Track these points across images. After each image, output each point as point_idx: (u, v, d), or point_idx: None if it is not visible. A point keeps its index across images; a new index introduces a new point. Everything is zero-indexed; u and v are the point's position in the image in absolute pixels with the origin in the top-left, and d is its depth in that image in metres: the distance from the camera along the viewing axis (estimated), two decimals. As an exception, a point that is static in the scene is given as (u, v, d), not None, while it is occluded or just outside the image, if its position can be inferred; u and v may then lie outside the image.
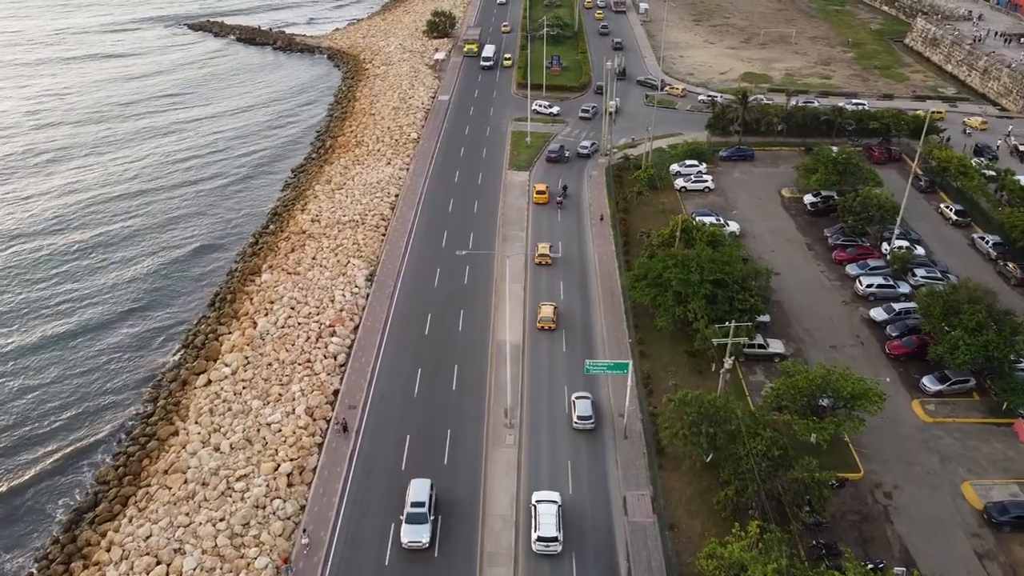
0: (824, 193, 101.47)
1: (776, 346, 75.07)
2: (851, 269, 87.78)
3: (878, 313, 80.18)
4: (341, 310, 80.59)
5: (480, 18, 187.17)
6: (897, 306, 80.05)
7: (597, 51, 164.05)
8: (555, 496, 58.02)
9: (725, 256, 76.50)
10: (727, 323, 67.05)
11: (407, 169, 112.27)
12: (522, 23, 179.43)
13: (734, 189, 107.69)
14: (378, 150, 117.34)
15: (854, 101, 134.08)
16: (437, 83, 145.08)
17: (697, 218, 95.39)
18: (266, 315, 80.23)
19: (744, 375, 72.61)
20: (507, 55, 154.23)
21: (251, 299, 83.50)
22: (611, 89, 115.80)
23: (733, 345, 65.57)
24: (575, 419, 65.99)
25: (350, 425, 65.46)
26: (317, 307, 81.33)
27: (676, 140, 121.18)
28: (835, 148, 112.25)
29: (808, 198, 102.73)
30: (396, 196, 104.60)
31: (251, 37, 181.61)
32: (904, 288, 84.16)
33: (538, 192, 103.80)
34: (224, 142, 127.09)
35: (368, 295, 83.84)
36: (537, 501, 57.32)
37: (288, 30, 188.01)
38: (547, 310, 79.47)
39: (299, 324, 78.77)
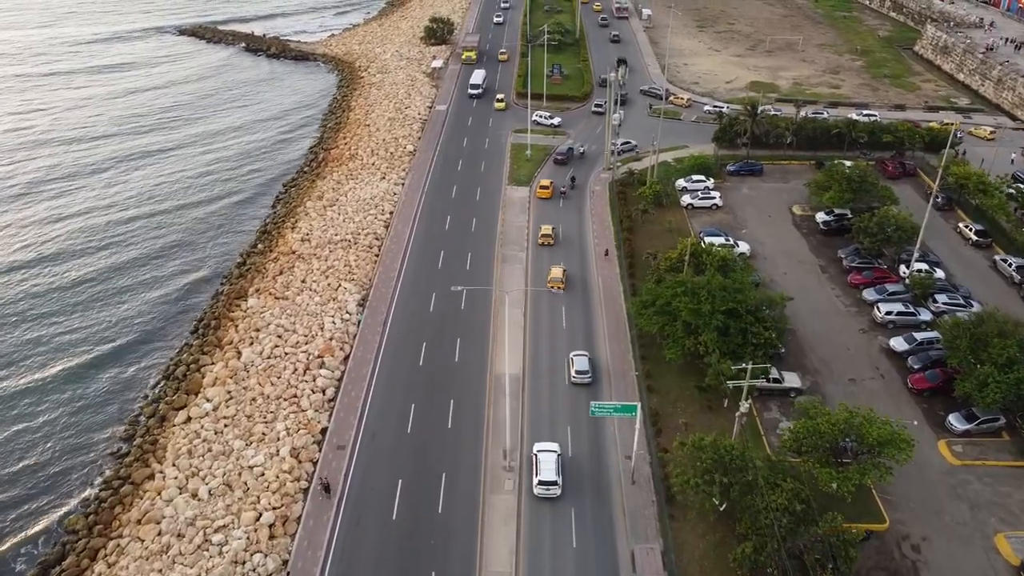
0: (837, 211, 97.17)
1: (792, 380, 70.73)
2: (868, 294, 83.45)
3: (898, 343, 75.83)
4: (331, 339, 76.18)
5: (479, 24, 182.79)
6: (919, 336, 75.71)
7: (596, 44, 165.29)
8: (555, 446, 62.44)
9: (737, 283, 72.21)
10: (742, 362, 62.98)
11: (402, 184, 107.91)
12: (522, 29, 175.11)
13: (743, 206, 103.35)
14: (372, 164, 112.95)
15: (865, 112, 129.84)
16: (434, 92, 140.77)
17: (705, 238, 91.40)
18: (251, 344, 75.82)
19: (758, 411, 68.27)
20: (500, 96, 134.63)
21: (236, 326, 79.09)
22: (614, 101, 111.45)
23: (745, 376, 61.33)
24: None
25: (333, 485, 59.83)
26: (305, 335, 76.93)
27: (682, 153, 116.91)
28: (848, 163, 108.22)
29: (820, 216, 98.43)
30: (391, 213, 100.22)
31: (244, 44, 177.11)
32: (925, 315, 79.83)
33: (542, 187, 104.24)
34: (213, 155, 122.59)
35: (359, 322, 79.40)
36: (538, 451, 61.70)
37: (283, 36, 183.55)
38: (557, 271, 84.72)
39: (286, 354, 74.36)
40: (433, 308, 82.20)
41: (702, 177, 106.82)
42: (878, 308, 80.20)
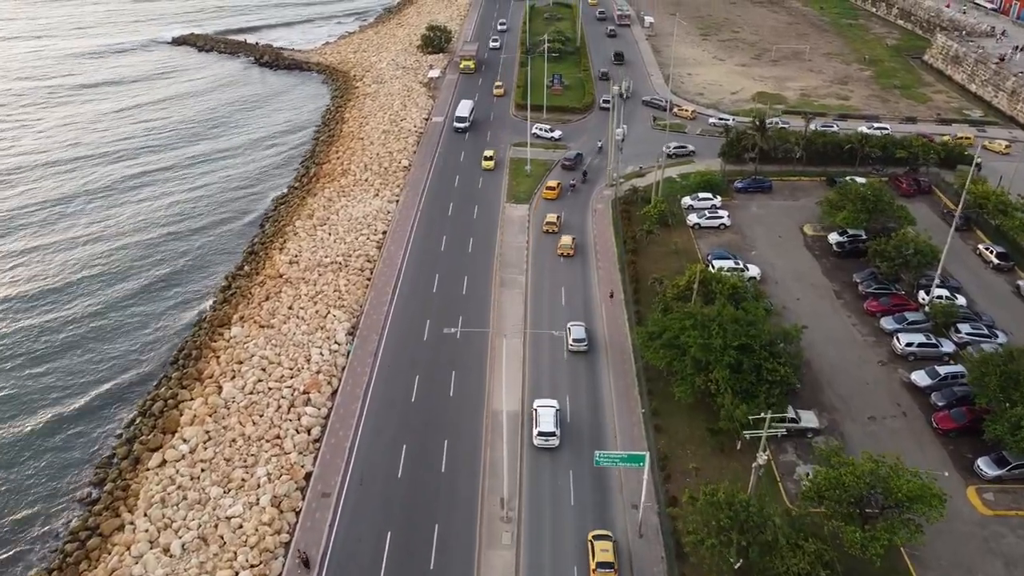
0: (851, 232, 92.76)
1: (808, 419, 66.28)
2: (886, 323, 78.98)
3: (920, 377, 71.40)
4: (318, 372, 71.72)
5: (477, 32, 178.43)
6: (942, 370, 71.27)
7: (594, 38, 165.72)
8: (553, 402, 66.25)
9: (750, 314, 67.79)
10: (756, 401, 58.81)
11: (396, 201, 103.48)
12: (521, 37, 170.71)
13: (752, 225, 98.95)
14: (366, 180, 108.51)
15: (876, 125, 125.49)
16: (431, 103, 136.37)
17: (714, 262, 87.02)
18: (233, 378, 71.34)
19: (773, 453, 63.66)
20: (488, 154, 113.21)
21: (218, 358, 74.62)
22: (617, 115, 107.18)
23: (763, 425, 56.93)
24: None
25: (312, 559, 54.59)
26: (291, 368, 72.46)
27: (687, 168, 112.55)
28: (860, 179, 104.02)
29: (833, 237, 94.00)
30: (383, 233, 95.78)
31: (237, 53, 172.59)
32: (947, 346, 75.36)
33: (548, 188, 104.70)
34: (202, 170, 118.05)
35: (349, 352, 74.93)
36: (538, 406, 65.61)
37: (276, 43, 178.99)
38: (566, 239, 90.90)
39: (269, 390, 69.88)
40: (427, 337, 77.81)
41: (709, 195, 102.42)
42: (898, 339, 75.75)
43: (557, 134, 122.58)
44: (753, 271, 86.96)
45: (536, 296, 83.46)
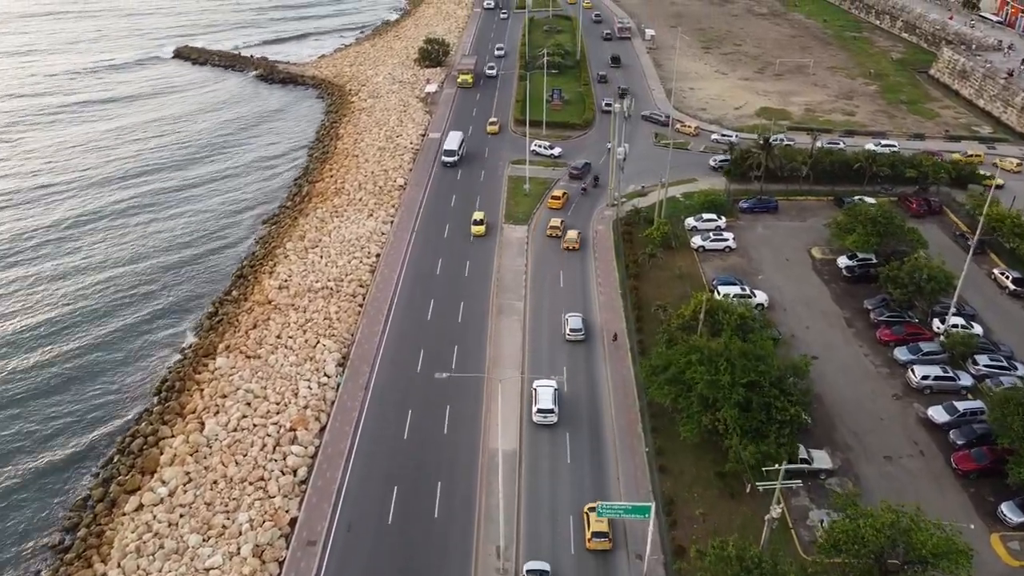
0: (861, 255, 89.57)
1: (821, 460, 62.96)
2: (900, 354, 75.67)
3: (938, 413, 68.07)
4: (305, 407, 68.34)
5: (476, 45, 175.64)
6: (961, 405, 67.95)
7: (595, 53, 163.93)
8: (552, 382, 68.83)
9: (758, 348, 64.51)
10: (768, 445, 55.57)
11: (391, 222, 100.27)
12: (520, 50, 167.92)
13: (758, 248, 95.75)
14: (360, 199, 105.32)
15: (883, 142, 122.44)
16: (428, 119, 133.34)
17: (719, 287, 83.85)
18: (216, 414, 67.96)
19: (784, 496, 60.15)
20: (478, 217, 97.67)
21: (201, 391, 71.25)
22: (619, 133, 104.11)
23: (772, 464, 53.83)
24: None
25: None
26: (277, 403, 69.10)
27: (691, 187, 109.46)
28: (869, 200, 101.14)
29: (843, 261, 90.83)
30: (377, 256, 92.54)
31: (231, 65, 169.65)
32: (965, 379, 72.04)
33: (554, 197, 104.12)
34: (192, 189, 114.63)
35: (339, 385, 71.57)
36: (537, 386, 68.50)
37: (272, 56, 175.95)
38: (572, 233, 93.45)
39: (254, 427, 66.52)
40: (420, 367, 74.51)
41: (714, 216, 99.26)
42: (913, 371, 72.42)
43: (557, 151, 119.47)
44: (760, 297, 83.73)
45: (535, 327, 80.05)
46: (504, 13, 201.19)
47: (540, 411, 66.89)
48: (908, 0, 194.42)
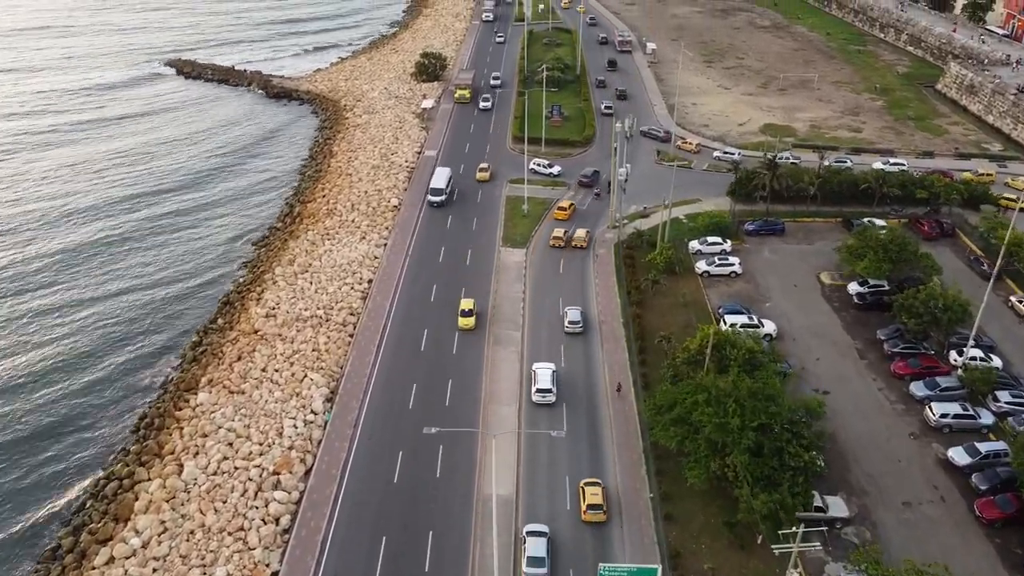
0: (873, 282, 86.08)
1: (837, 507, 59.37)
2: (916, 389, 72.07)
3: (958, 454, 64.45)
4: (290, 448, 64.69)
5: (474, 59, 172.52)
6: (983, 447, 64.38)
7: (595, 68, 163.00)
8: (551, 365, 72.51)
9: (768, 387, 60.88)
10: (780, 494, 52.02)
11: (384, 245, 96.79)
12: (519, 64, 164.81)
13: (765, 273, 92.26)
14: (352, 221, 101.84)
15: (892, 161, 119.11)
16: (424, 135, 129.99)
17: (726, 316, 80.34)
18: (196, 455, 64.33)
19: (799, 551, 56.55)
20: (466, 306, 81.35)
21: (181, 430, 67.62)
22: (621, 154, 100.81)
23: (785, 515, 50.41)
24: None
25: None
26: (261, 443, 65.44)
27: (694, 208, 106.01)
28: (879, 221, 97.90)
29: (854, 287, 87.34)
30: (369, 282, 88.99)
31: (225, 79, 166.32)
32: (986, 417, 68.40)
33: (560, 208, 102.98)
34: (179, 209, 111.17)
35: (326, 423, 67.92)
36: (536, 368, 71.54)
37: (267, 69, 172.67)
38: (581, 232, 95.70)
39: (236, 470, 62.83)
40: (413, 403, 70.91)
41: (718, 239, 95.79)
42: (931, 409, 68.78)
43: (556, 169, 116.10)
44: (768, 327, 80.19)
45: (533, 356, 76.40)
46: (500, 36, 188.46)
47: (539, 391, 69.65)
48: (913, 13, 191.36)
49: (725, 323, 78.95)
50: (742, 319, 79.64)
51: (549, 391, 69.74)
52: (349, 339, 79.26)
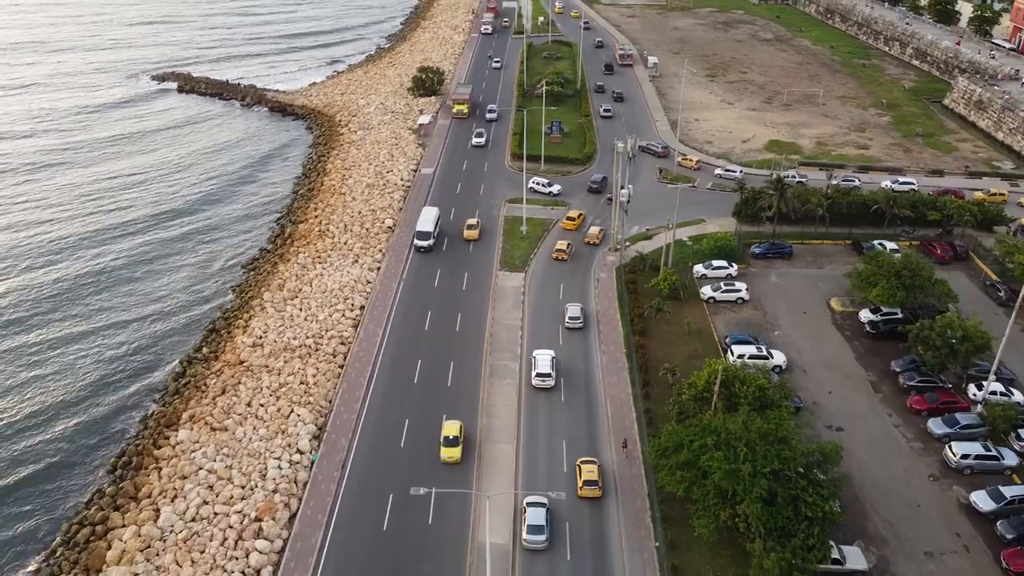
0: (886, 309, 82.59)
1: (855, 559, 55.70)
2: (935, 426, 68.48)
3: (982, 499, 60.83)
4: (274, 491, 61.03)
5: (472, 73, 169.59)
6: (1008, 491, 60.76)
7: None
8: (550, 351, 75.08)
9: (781, 428, 57.35)
10: (794, 547, 48.48)
11: (378, 268, 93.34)
12: (518, 78, 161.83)
13: (772, 299, 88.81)
14: (345, 243, 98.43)
15: (901, 180, 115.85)
16: (420, 152, 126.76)
17: (733, 346, 76.79)
18: (174, 499, 60.72)
19: (814, 603, 52.97)
20: (449, 432, 65.44)
21: (159, 470, 64.01)
22: (622, 174, 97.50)
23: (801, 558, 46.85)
24: None
25: None
26: (243, 486, 61.80)
27: (699, 229, 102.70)
28: (890, 244, 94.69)
29: (865, 315, 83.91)
30: (361, 308, 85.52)
31: (218, 93, 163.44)
32: (1009, 458, 64.80)
33: (568, 218, 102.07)
34: (167, 227, 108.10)
35: (313, 463, 64.30)
36: (536, 354, 74.54)
37: (261, 83, 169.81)
38: (595, 229, 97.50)
39: (215, 515, 59.21)
40: (405, 441, 67.28)
41: (724, 263, 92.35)
42: (951, 449, 65.16)
43: (556, 188, 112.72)
44: (778, 358, 76.65)
45: (532, 393, 72.80)
46: (497, 62, 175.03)
47: (539, 375, 72.12)
48: (918, 26, 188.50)
49: (732, 354, 75.49)
50: (750, 349, 76.14)
51: (548, 375, 71.96)
52: (339, 370, 75.70)
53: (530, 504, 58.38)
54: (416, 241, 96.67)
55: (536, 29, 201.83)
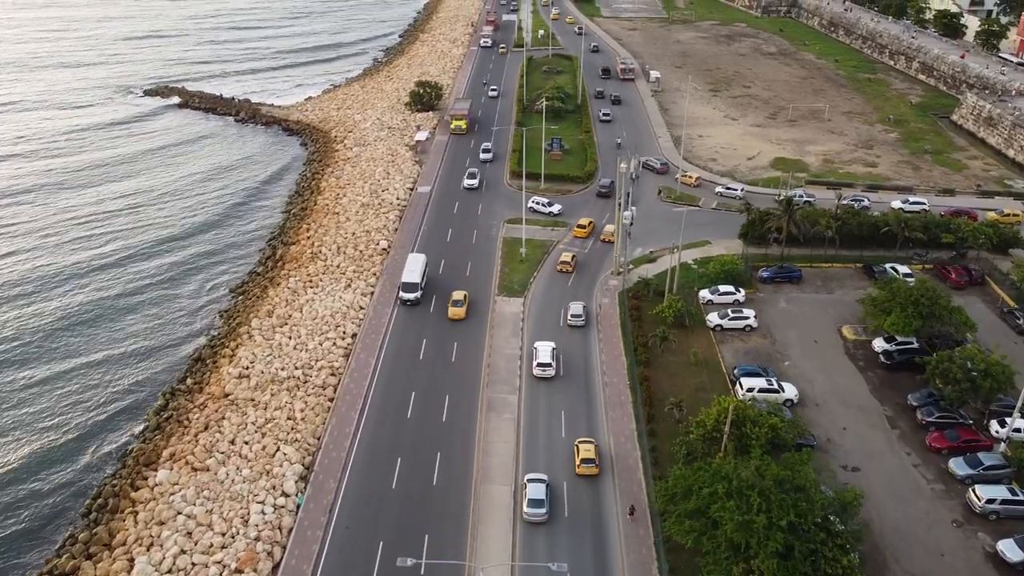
0: (901, 339, 79.08)
1: (876, 616, 51.86)
2: (956, 466, 64.82)
3: (1010, 549, 57.12)
4: (256, 539, 57.39)
5: (471, 87, 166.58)
6: (1038, 541, 56.96)
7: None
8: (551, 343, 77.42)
9: (797, 475, 53.72)
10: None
11: (371, 293, 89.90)
12: (518, 93, 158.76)
13: (782, 327, 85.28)
14: (337, 266, 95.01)
15: (912, 200, 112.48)
16: (417, 170, 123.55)
17: (742, 379, 73.28)
18: (150, 547, 57.09)
19: (834, 667, 49.20)
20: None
21: (135, 515, 60.33)
22: (624, 195, 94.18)
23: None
24: None
25: None
26: (223, 533, 58.14)
27: (704, 251, 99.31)
28: (902, 268, 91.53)
29: (879, 344, 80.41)
30: (353, 337, 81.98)
31: (212, 107, 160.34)
32: (1037, 502, 61.09)
33: (579, 226, 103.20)
34: (154, 249, 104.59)
35: (298, 507, 60.62)
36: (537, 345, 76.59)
37: (256, 97, 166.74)
38: (610, 227, 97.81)
39: (193, 566, 55.54)
40: (397, 482, 63.62)
41: (731, 288, 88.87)
42: (975, 493, 61.50)
43: (556, 208, 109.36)
44: (789, 392, 73.05)
45: (531, 430, 69.17)
46: (494, 89, 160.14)
47: (540, 364, 74.53)
48: (924, 40, 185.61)
49: (742, 387, 71.98)
50: (760, 383, 72.52)
51: (549, 365, 74.33)
52: (328, 404, 72.11)
53: (530, 480, 60.89)
54: (401, 294, 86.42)
55: (536, 42, 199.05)
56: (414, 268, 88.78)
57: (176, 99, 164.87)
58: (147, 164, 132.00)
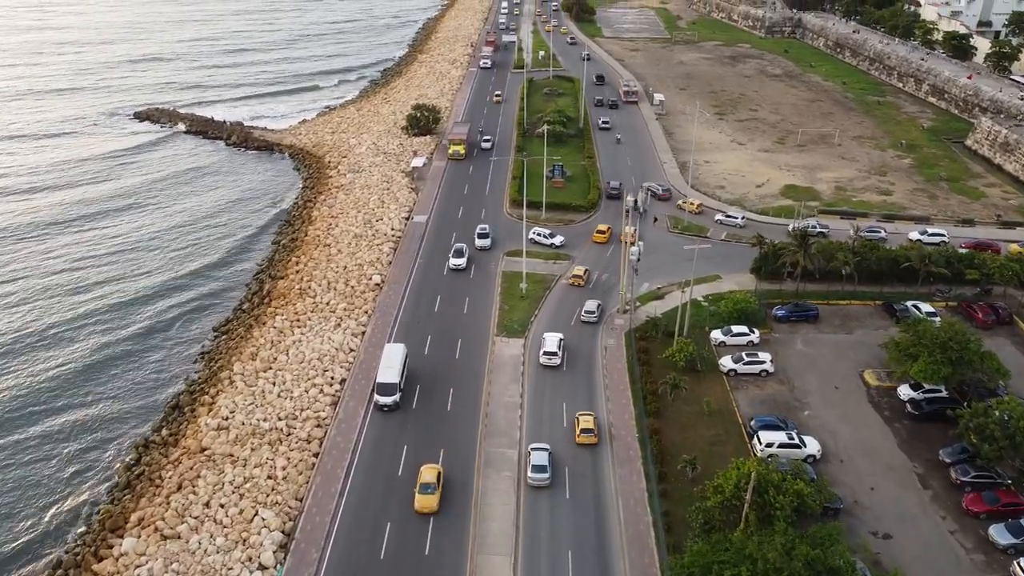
0: (928, 386, 73.77)
1: None
2: (998, 534, 59.32)
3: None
4: (229, 621, 51.73)
5: (470, 110, 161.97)
6: (1094, 624, 51.39)
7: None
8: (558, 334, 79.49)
9: (830, 555, 48.28)
10: None
11: (362, 334, 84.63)
12: (518, 116, 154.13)
13: (800, 371, 79.93)
14: (327, 303, 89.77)
15: (930, 231, 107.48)
16: (414, 198, 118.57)
17: (760, 433, 67.94)
18: (109, 633, 51.38)
19: None
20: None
21: (97, 592, 54.75)
22: (634, 229, 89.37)
23: None
24: None
25: None
26: (192, 615, 52.52)
27: (714, 287, 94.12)
28: (925, 307, 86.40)
29: (905, 391, 75.16)
30: (342, 383, 76.56)
31: (202, 130, 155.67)
32: (1089, 578, 55.54)
33: (599, 232, 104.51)
34: (137, 282, 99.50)
35: (277, 582, 55.11)
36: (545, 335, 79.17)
37: (248, 119, 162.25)
38: (629, 230, 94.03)
39: (156, 656, 49.82)
40: (386, 551, 58.09)
41: (744, 329, 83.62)
42: (1020, 566, 55.92)
43: (559, 240, 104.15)
44: (811, 447, 67.65)
45: (532, 498, 63.65)
46: (487, 141, 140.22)
47: (546, 353, 77.44)
48: (934, 62, 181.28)
49: (760, 442, 66.69)
50: (780, 437, 67.19)
51: (555, 354, 76.94)
52: (313, 460, 66.61)
53: (534, 448, 64.70)
54: (377, 397, 70.87)
55: (537, 64, 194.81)
56: (392, 364, 72.84)
57: (165, 122, 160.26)
58: (131, 193, 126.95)
